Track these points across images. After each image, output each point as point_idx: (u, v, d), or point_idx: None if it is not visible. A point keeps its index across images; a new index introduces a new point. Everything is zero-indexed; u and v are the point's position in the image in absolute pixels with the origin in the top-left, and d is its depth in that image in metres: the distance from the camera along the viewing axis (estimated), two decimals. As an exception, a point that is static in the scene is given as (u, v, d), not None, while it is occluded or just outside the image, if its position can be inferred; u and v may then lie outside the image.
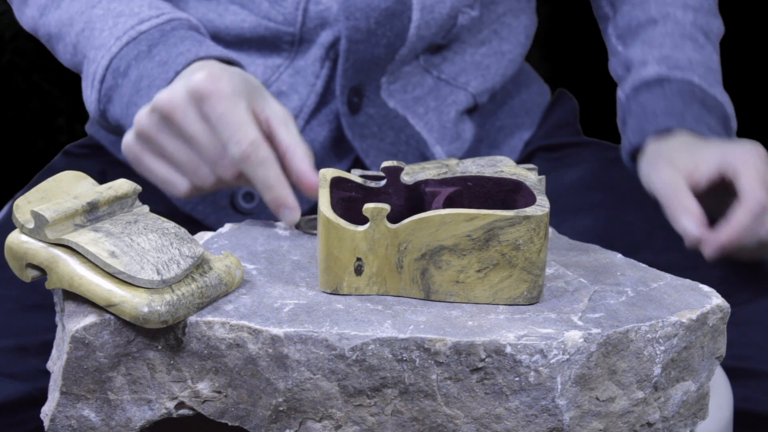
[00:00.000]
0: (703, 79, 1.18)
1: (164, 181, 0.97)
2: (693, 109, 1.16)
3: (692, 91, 1.17)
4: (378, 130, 1.19)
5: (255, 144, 0.92)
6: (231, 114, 0.93)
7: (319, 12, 1.15)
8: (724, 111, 1.19)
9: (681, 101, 1.16)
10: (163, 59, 1.03)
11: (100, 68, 1.05)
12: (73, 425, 0.78)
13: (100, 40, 1.06)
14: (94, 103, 1.06)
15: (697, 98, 1.17)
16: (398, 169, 0.84)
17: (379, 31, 1.15)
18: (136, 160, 0.98)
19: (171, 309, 0.76)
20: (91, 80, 1.06)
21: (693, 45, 1.21)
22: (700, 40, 1.21)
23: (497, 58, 1.24)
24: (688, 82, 1.18)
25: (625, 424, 0.78)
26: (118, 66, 1.04)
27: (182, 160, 0.95)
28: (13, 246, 0.78)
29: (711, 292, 0.82)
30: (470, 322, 0.77)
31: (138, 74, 1.03)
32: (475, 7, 1.20)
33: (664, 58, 1.20)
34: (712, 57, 1.21)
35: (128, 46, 1.04)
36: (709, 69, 1.20)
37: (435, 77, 1.21)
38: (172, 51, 1.03)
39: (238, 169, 0.94)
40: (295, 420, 0.77)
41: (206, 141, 0.94)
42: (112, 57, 1.04)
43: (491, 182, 0.84)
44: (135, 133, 0.97)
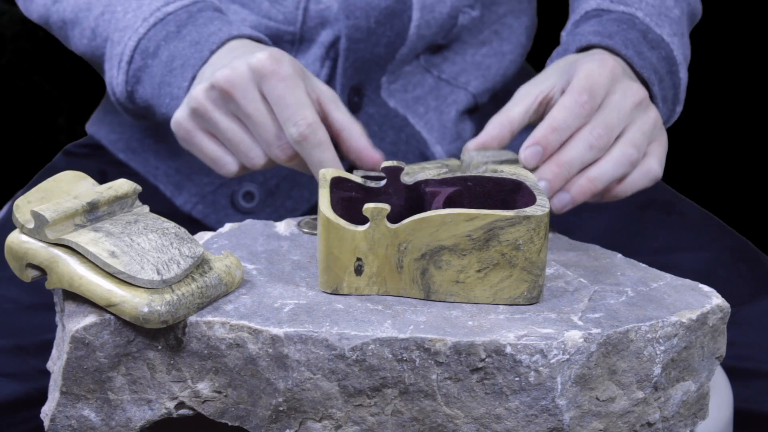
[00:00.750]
0: (650, 16, 1.07)
1: (214, 159, 0.97)
2: (628, 34, 1.05)
3: (632, 22, 1.06)
4: (378, 130, 1.19)
5: (313, 126, 0.92)
6: (291, 95, 0.93)
7: (320, 11, 1.15)
8: (669, 53, 1.07)
9: (616, 26, 1.05)
10: (194, 39, 1.02)
11: (127, 49, 1.04)
12: (73, 425, 0.78)
13: (124, 21, 1.06)
14: (121, 84, 1.06)
15: (637, 28, 1.06)
16: (398, 169, 0.84)
17: (380, 31, 1.15)
18: (187, 136, 0.98)
19: (171, 309, 0.76)
20: (117, 61, 1.05)
21: None
22: None
23: (498, 58, 1.24)
24: (630, 14, 1.07)
25: (625, 424, 0.78)
26: (147, 47, 1.04)
27: (235, 140, 0.95)
28: (13, 246, 0.78)
29: (711, 292, 0.83)
30: (470, 322, 0.77)
31: (169, 54, 1.03)
32: (475, 7, 1.20)
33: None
34: (671, 9, 1.10)
35: (156, 26, 1.04)
36: (663, 15, 1.09)
37: (435, 77, 1.21)
38: (203, 31, 1.03)
39: (292, 151, 0.94)
40: (295, 420, 0.77)
41: (263, 120, 0.94)
42: (140, 38, 1.04)
43: (491, 182, 0.84)
44: (189, 110, 0.97)
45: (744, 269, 1.16)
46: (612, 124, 0.94)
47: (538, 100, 0.97)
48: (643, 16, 1.06)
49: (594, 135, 0.92)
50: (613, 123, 0.94)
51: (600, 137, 0.93)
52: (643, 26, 1.06)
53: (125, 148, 1.23)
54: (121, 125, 1.24)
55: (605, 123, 0.93)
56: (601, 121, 0.93)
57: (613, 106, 0.94)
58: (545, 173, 0.91)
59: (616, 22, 1.05)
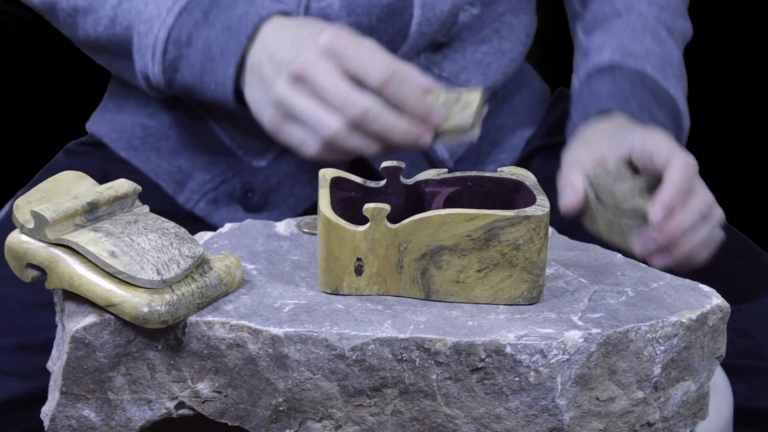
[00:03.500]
0: (657, 71, 1.17)
1: (300, 141, 1.00)
2: (641, 96, 1.15)
3: (643, 80, 1.16)
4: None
5: (392, 66, 0.97)
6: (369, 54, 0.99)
7: (321, 9, 1.15)
8: (675, 106, 1.17)
9: (629, 87, 1.15)
10: (225, 24, 1.06)
11: (159, 41, 1.08)
12: (73, 425, 0.78)
13: (146, 12, 1.09)
14: (158, 74, 1.09)
15: (647, 87, 1.16)
16: (398, 169, 0.84)
17: (381, 28, 1.15)
18: (277, 127, 1.02)
19: (171, 309, 0.76)
20: (151, 53, 1.08)
21: (653, 38, 1.20)
22: (661, 34, 1.21)
23: (498, 56, 1.24)
24: (641, 71, 1.17)
25: (625, 424, 0.78)
26: (179, 37, 1.07)
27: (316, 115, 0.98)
28: (13, 246, 0.78)
29: (711, 292, 0.82)
30: (470, 322, 0.77)
31: (204, 43, 1.06)
32: (475, 5, 1.20)
33: (620, 47, 1.19)
34: (672, 52, 1.20)
35: (182, 15, 1.07)
36: (667, 62, 1.19)
37: (436, 75, 1.21)
38: (230, 14, 1.06)
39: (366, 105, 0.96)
40: (295, 420, 0.77)
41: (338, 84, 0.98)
42: (169, 29, 1.07)
43: (491, 182, 0.84)
44: (274, 104, 1.01)
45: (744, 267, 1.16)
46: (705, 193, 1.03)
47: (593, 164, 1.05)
48: (651, 72, 1.16)
49: (703, 203, 1.00)
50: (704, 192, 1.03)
51: (707, 205, 1.01)
52: (652, 83, 1.15)
53: (127, 146, 1.23)
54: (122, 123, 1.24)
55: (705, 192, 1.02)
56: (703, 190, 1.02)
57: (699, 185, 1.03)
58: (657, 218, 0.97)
59: (629, 82, 1.15)
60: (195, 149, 1.21)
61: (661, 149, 1.01)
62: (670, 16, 1.22)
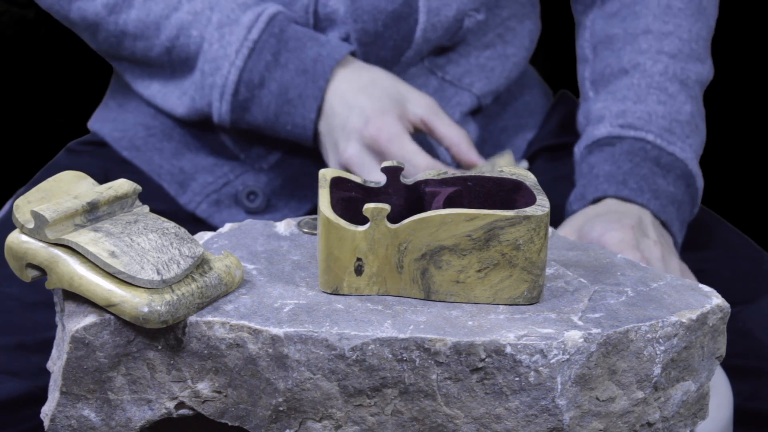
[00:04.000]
0: (661, 136, 1.13)
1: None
2: (641, 169, 1.11)
3: (644, 150, 1.12)
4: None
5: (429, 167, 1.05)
6: (402, 150, 1.07)
7: (327, 14, 1.15)
8: (684, 168, 1.13)
9: (629, 161, 1.11)
10: (299, 67, 1.09)
11: (229, 82, 1.10)
12: (73, 425, 0.78)
13: (211, 52, 1.10)
14: (226, 114, 1.12)
15: (649, 157, 1.12)
16: (398, 169, 0.84)
17: (386, 34, 1.15)
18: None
19: (171, 309, 0.76)
20: (219, 93, 1.11)
21: (658, 97, 1.14)
22: (670, 90, 1.15)
23: (501, 61, 1.24)
24: (641, 140, 1.12)
25: (625, 424, 0.78)
26: (251, 79, 1.09)
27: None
28: (13, 246, 0.78)
29: (711, 292, 0.82)
30: (470, 322, 0.77)
31: (279, 86, 1.09)
32: (480, 11, 1.20)
33: (620, 114, 1.14)
34: (682, 108, 1.15)
35: (251, 57, 1.09)
36: (674, 121, 1.14)
37: (440, 78, 1.21)
38: (303, 57, 1.09)
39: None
40: (295, 420, 0.77)
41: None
42: (240, 70, 1.10)
43: (491, 182, 0.84)
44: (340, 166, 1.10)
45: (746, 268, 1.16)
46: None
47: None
48: (653, 138, 1.12)
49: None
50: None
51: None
52: (655, 151, 1.11)
53: (129, 146, 1.23)
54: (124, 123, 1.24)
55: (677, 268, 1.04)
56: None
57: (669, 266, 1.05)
58: None
59: (628, 155, 1.11)
60: (197, 151, 1.21)
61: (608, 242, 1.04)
62: (682, 64, 1.16)
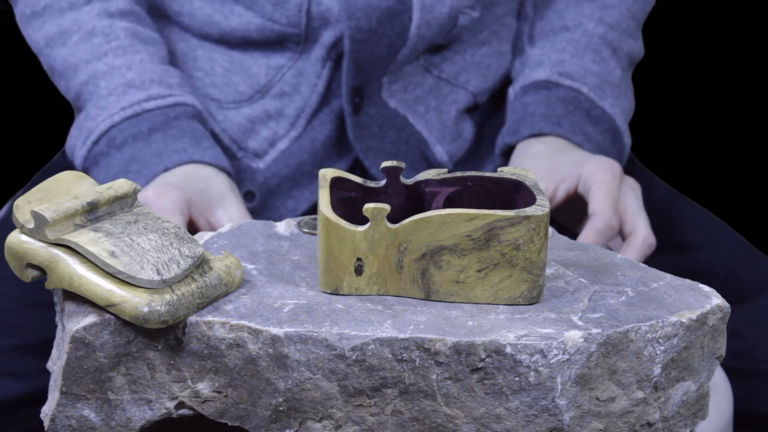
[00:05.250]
0: (593, 90, 1.18)
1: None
2: (574, 117, 1.16)
3: (577, 99, 1.17)
4: (378, 130, 1.19)
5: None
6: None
7: (321, 13, 1.15)
8: (612, 124, 1.18)
9: (563, 107, 1.16)
10: (158, 150, 1.08)
11: (97, 131, 1.10)
12: (73, 425, 0.78)
13: (104, 101, 1.10)
14: (80, 158, 1.11)
15: (581, 107, 1.17)
16: (398, 169, 0.84)
17: (381, 31, 1.15)
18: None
19: (171, 309, 0.76)
20: (84, 138, 1.11)
21: (594, 56, 1.20)
22: (603, 53, 1.20)
23: (497, 58, 1.24)
24: (576, 90, 1.17)
25: (625, 424, 0.78)
26: (115, 137, 1.09)
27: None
28: (13, 246, 0.78)
29: (711, 292, 0.82)
30: (470, 322, 0.77)
31: (131, 155, 1.08)
32: (475, 8, 1.20)
33: (558, 63, 1.19)
34: (613, 72, 1.20)
35: (130, 120, 1.09)
36: (605, 82, 1.19)
37: (435, 76, 1.21)
38: (169, 145, 1.08)
39: None
40: (295, 420, 0.77)
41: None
42: (112, 125, 1.09)
43: (491, 182, 0.84)
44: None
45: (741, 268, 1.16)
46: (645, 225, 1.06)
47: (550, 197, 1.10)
48: (587, 91, 1.17)
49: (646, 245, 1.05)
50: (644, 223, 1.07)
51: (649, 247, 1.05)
52: (588, 102, 1.17)
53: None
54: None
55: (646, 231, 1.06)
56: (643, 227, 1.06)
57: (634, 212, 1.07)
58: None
59: (562, 102, 1.16)
60: (193, 151, 1.21)
61: (596, 196, 1.05)
62: (618, 36, 1.22)
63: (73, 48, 1.12)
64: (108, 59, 1.11)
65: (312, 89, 1.18)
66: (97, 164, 1.09)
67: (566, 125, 1.15)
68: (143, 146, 1.07)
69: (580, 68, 1.19)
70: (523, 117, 1.17)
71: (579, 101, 1.17)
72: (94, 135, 1.09)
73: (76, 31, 1.12)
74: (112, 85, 1.10)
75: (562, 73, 1.18)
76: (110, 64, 1.11)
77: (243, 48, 1.18)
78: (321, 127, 1.19)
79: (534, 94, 1.18)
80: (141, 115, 1.08)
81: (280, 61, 1.18)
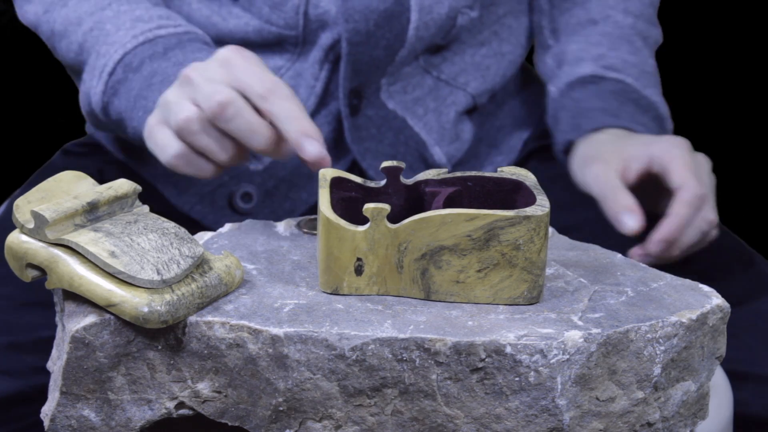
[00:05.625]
0: (636, 80, 1.20)
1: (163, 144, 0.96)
2: (627, 108, 1.18)
3: (626, 91, 1.19)
4: (377, 132, 1.19)
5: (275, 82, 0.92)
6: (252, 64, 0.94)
7: (318, 15, 1.15)
8: (657, 112, 1.20)
9: (615, 100, 1.18)
10: (179, 61, 1.04)
11: (111, 61, 1.06)
12: (73, 425, 0.78)
13: (114, 37, 1.07)
14: (98, 94, 1.07)
15: (630, 98, 1.19)
16: (398, 169, 0.84)
17: (379, 33, 1.15)
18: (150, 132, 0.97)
19: (171, 309, 0.76)
20: (99, 72, 1.07)
21: (629, 47, 1.22)
22: (636, 43, 1.23)
23: (497, 59, 1.24)
24: (622, 81, 1.20)
25: (625, 424, 0.78)
26: (131, 61, 1.05)
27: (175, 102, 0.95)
28: (13, 246, 0.78)
29: (711, 292, 0.83)
30: (470, 322, 0.77)
31: (151, 71, 1.04)
32: (474, 8, 1.20)
33: (600, 57, 1.21)
34: (647, 61, 1.23)
35: (144, 45, 1.06)
36: (643, 72, 1.21)
37: (434, 77, 1.21)
38: (189, 56, 1.04)
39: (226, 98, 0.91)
40: (295, 420, 0.77)
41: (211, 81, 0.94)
42: (126, 52, 1.05)
43: (491, 182, 0.84)
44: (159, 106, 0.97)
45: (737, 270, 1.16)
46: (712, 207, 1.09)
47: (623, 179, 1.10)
48: (632, 82, 1.19)
49: (706, 223, 1.07)
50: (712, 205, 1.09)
51: (710, 224, 1.08)
52: (635, 93, 1.19)
53: (124, 147, 1.23)
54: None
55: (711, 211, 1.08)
56: (709, 210, 1.08)
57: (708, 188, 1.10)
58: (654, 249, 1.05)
59: (613, 94, 1.18)
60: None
61: (676, 170, 1.07)
62: (644, 25, 1.24)
63: (75, 6, 1.11)
64: (113, 7, 1.09)
65: (310, 91, 1.17)
66: (116, 93, 1.06)
67: (624, 116, 1.17)
68: (162, 61, 1.05)
69: (620, 60, 1.21)
70: (580, 113, 1.18)
71: (627, 92, 1.19)
72: (108, 66, 1.06)
73: None
74: (120, 23, 1.08)
75: (606, 66, 1.20)
76: (116, 10, 1.09)
77: None
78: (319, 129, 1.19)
79: (583, 89, 1.20)
80: (154, 40, 1.06)
81: (278, 63, 1.18)
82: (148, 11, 1.09)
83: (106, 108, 1.07)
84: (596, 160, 1.12)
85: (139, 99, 1.04)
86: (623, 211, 1.07)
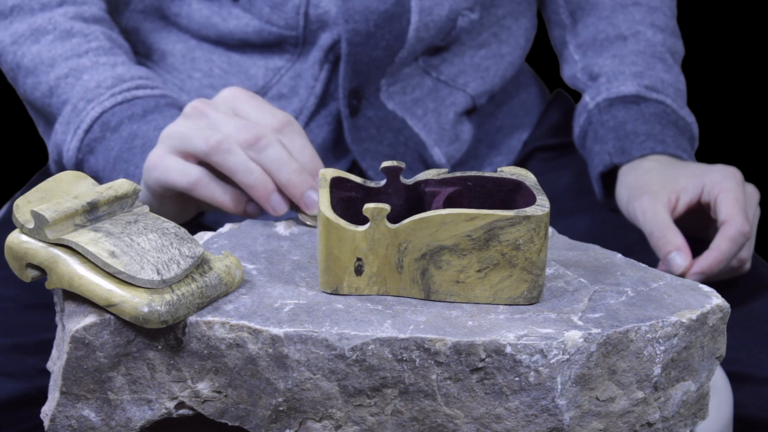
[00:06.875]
0: (674, 101, 1.21)
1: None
2: (669, 131, 1.19)
3: (666, 113, 1.19)
4: (376, 133, 1.19)
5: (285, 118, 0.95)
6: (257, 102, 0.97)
7: (319, 16, 1.15)
8: (692, 132, 1.21)
9: (659, 124, 1.19)
10: (158, 125, 1.04)
11: (87, 118, 1.06)
12: (73, 425, 0.78)
13: (92, 92, 1.07)
14: (72, 150, 1.07)
15: (671, 120, 1.19)
16: (398, 169, 0.84)
17: (379, 34, 1.15)
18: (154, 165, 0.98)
19: (171, 309, 0.76)
20: (74, 128, 1.07)
21: (663, 66, 1.23)
22: (668, 61, 1.24)
23: (496, 60, 1.24)
24: (663, 103, 1.20)
25: (625, 424, 0.78)
26: (109, 120, 1.06)
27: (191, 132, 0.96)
28: (13, 246, 0.78)
29: (711, 291, 0.83)
30: (470, 322, 0.77)
31: (131, 133, 1.05)
32: (474, 10, 1.20)
33: (638, 75, 1.21)
34: (679, 78, 1.23)
35: (122, 105, 1.06)
36: (678, 90, 1.22)
37: (434, 78, 1.21)
38: (168, 121, 1.04)
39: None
40: (295, 420, 0.77)
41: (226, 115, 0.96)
42: (103, 110, 1.06)
43: (491, 182, 0.84)
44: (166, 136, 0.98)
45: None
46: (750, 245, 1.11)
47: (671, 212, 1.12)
48: (671, 103, 1.21)
49: (738, 260, 1.10)
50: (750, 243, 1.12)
51: (741, 262, 1.11)
52: (674, 115, 1.20)
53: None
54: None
55: (749, 248, 1.11)
56: (748, 246, 1.10)
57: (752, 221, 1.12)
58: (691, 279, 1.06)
59: (656, 117, 1.19)
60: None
61: (725, 203, 1.08)
62: (672, 40, 1.25)
63: (48, 45, 1.10)
64: (90, 56, 1.09)
65: (310, 91, 1.17)
66: (92, 151, 1.07)
67: (669, 142, 1.18)
68: (142, 124, 1.05)
69: (658, 80, 1.21)
70: (626, 135, 1.19)
71: (667, 114, 1.20)
72: (85, 123, 1.06)
73: (52, 30, 1.11)
74: (100, 78, 1.08)
75: (648, 87, 1.21)
76: (93, 60, 1.09)
77: (241, 50, 1.18)
78: (318, 130, 1.19)
79: (625, 109, 1.20)
80: (132, 101, 1.06)
81: (278, 63, 1.18)
82: (129, 69, 1.09)
83: (79, 164, 1.08)
84: (644, 193, 1.12)
85: (119, 161, 1.05)
86: (674, 251, 1.07)
